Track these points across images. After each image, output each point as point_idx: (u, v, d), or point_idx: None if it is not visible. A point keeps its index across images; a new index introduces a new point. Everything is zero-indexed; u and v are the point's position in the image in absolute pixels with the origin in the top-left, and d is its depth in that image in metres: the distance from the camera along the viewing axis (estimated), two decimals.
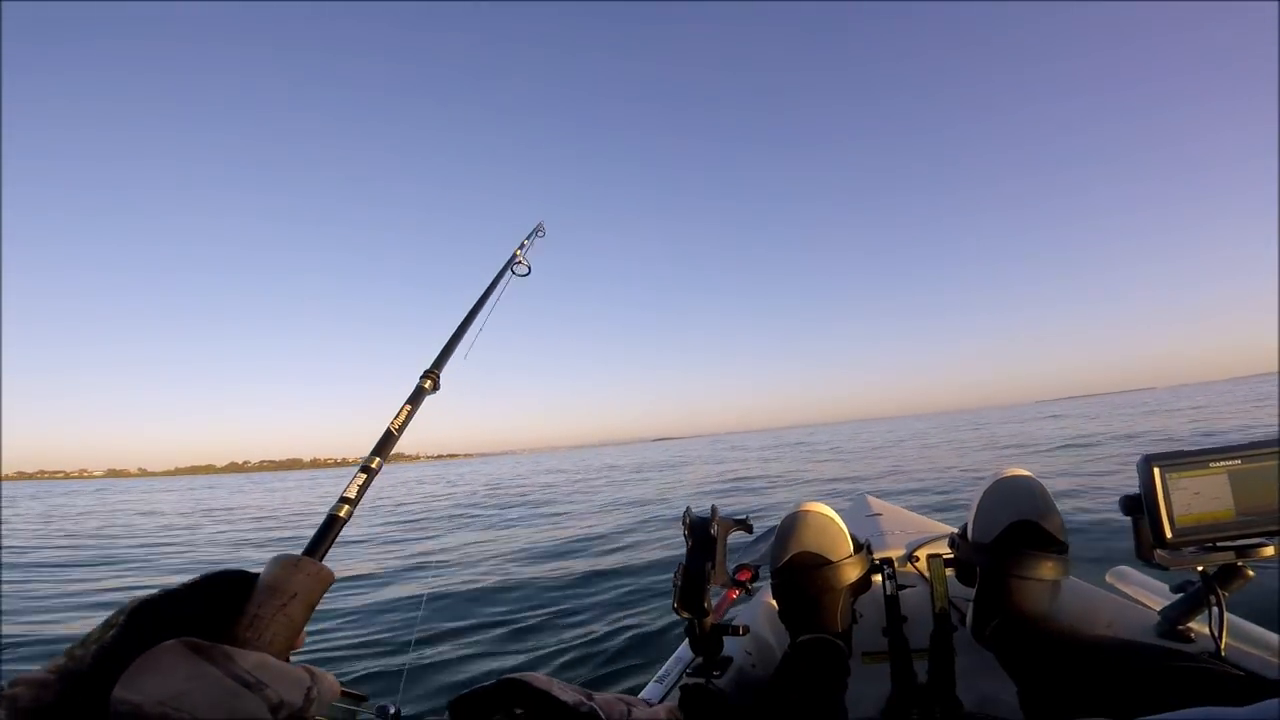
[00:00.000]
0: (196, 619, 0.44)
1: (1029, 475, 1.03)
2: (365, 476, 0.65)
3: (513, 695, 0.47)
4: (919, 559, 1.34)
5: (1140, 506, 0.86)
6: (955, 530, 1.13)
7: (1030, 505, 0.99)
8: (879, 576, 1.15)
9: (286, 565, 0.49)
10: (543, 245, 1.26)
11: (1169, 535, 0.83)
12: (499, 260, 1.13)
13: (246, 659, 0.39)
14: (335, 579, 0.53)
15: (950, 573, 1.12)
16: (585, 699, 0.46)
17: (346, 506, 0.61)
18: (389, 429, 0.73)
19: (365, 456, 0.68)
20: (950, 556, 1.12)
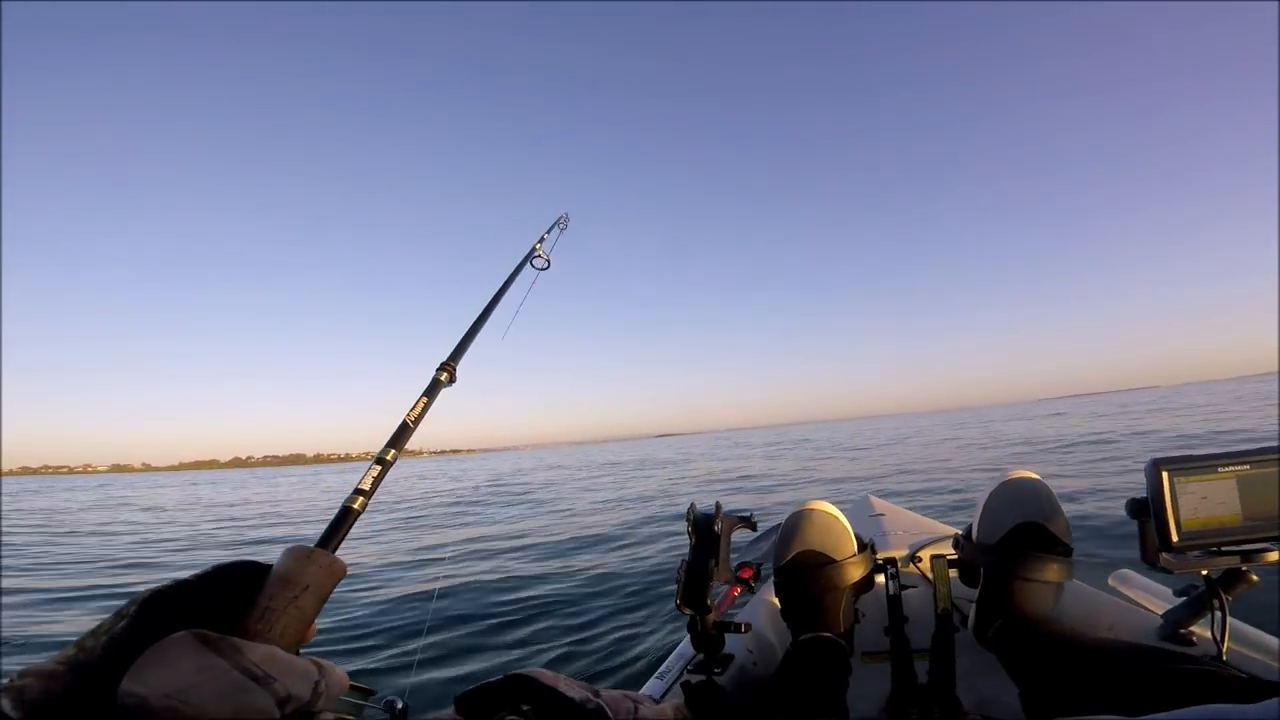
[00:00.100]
0: (208, 610, 0.44)
1: (1036, 477, 1.03)
2: (380, 468, 0.64)
3: (520, 691, 0.47)
4: (922, 559, 1.34)
5: (1147, 510, 0.86)
6: (959, 532, 1.13)
7: (1036, 507, 0.99)
8: (882, 576, 1.15)
9: (299, 557, 0.49)
10: (568, 239, 1.20)
11: (1175, 539, 0.83)
12: (520, 253, 1.10)
13: (255, 652, 0.39)
14: (347, 572, 0.53)
15: (953, 574, 1.12)
16: (592, 695, 0.46)
17: (361, 498, 0.60)
18: (404, 421, 0.72)
19: (381, 448, 0.67)
20: (954, 557, 1.12)
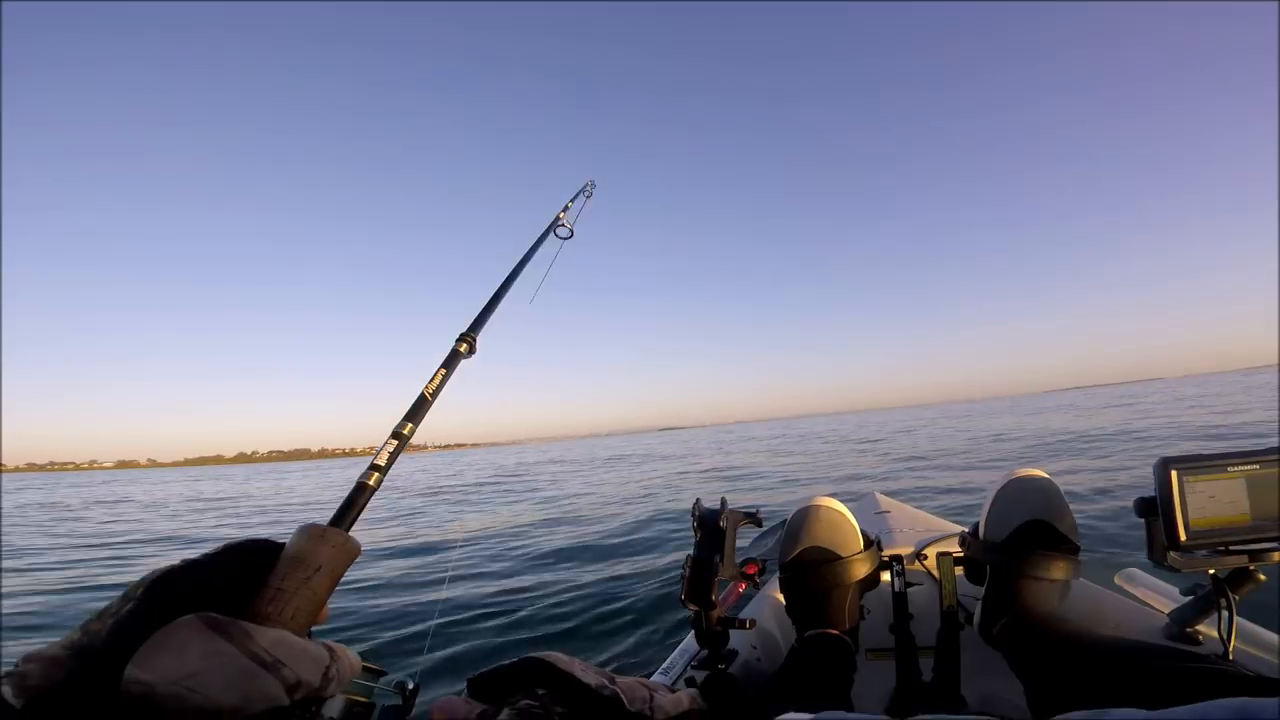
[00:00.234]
0: (218, 592, 0.41)
1: (1043, 475, 1.02)
2: (396, 443, 0.61)
3: (535, 674, 0.45)
4: (928, 557, 1.34)
5: (1155, 508, 0.86)
6: (965, 529, 1.13)
7: (1043, 505, 0.99)
8: (887, 573, 1.15)
9: (313, 536, 0.47)
10: (593, 209, 1.18)
11: (1183, 538, 0.83)
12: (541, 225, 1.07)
13: (265, 636, 0.37)
14: (362, 551, 0.50)
15: (959, 571, 1.12)
16: (608, 682, 0.45)
17: (376, 474, 0.57)
18: (422, 393, 0.68)
19: (398, 422, 0.64)
20: (960, 555, 1.12)
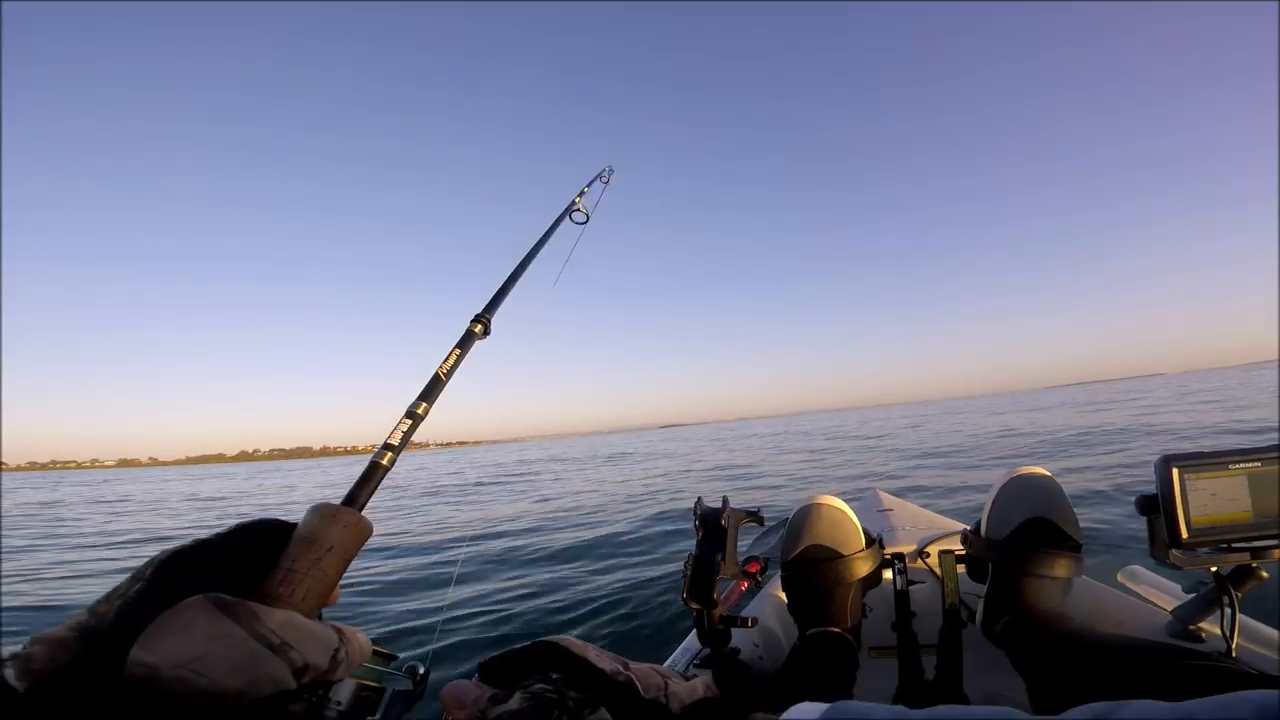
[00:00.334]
0: (229, 572, 0.40)
1: (1045, 473, 1.02)
2: (410, 422, 0.60)
3: (548, 659, 0.44)
4: (930, 554, 1.34)
5: (1156, 506, 0.86)
6: (967, 527, 1.13)
7: (1045, 503, 0.99)
8: (889, 572, 1.15)
9: (325, 516, 0.45)
10: (611, 194, 1.17)
11: (1185, 535, 0.83)
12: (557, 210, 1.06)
13: (273, 618, 0.36)
14: (374, 531, 0.49)
15: (961, 569, 1.12)
16: (622, 668, 0.43)
17: (389, 454, 0.56)
18: (436, 373, 0.67)
19: (412, 401, 0.63)
20: (962, 553, 1.12)
